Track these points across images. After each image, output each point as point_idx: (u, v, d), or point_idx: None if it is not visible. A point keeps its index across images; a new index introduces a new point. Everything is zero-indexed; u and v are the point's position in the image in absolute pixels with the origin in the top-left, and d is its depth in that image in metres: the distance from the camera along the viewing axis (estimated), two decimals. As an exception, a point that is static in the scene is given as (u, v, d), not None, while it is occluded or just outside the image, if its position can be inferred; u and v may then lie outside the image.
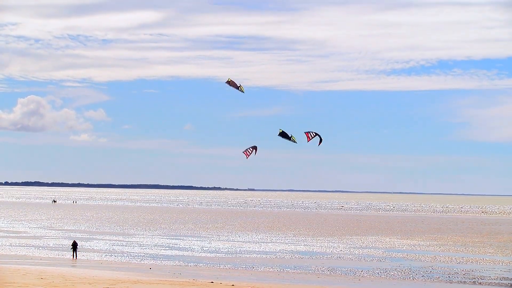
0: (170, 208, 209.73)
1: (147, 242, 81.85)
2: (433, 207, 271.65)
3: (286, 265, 60.84)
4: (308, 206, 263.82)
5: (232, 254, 70.17)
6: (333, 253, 72.65)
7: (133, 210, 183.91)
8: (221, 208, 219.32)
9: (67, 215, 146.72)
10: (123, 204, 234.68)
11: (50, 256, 65.37)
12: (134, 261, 62.05)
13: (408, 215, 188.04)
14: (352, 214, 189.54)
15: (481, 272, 58.06)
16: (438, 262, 65.47)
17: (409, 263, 64.62)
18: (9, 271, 47.03)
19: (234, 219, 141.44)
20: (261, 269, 57.97)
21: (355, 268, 59.63)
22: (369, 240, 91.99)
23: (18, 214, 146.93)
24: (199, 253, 70.64)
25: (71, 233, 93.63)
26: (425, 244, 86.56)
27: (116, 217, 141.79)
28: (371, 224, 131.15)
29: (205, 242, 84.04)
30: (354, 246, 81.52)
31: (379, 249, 78.21)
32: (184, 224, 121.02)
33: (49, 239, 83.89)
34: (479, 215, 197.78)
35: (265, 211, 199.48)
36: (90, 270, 51.37)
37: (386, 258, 68.95)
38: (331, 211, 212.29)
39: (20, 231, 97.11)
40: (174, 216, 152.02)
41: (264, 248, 77.41)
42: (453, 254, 74.56)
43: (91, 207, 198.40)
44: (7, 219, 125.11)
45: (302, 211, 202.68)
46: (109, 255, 67.15)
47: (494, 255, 74.51)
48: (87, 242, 79.65)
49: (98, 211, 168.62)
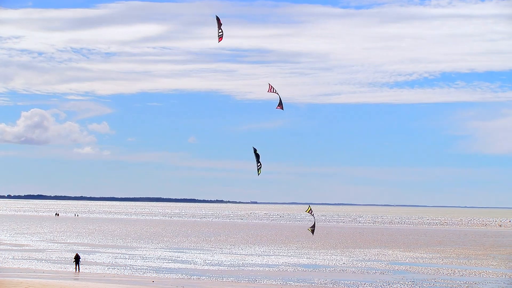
0: (173, 221, 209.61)
1: (150, 255, 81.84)
2: (436, 220, 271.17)
3: (289, 278, 60.81)
4: (310, 219, 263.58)
5: (234, 267, 70.16)
6: (336, 266, 72.60)
7: (136, 223, 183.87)
8: (223, 221, 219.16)
9: (69, 228, 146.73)
10: (125, 217, 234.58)
11: (53, 269, 65.39)
12: (137, 274, 62.06)
13: (411, 227, 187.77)
14: (354, 227, 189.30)
15: (484, 285, 58.01)
16: (441, 275, 65.41)
17: (412, 275, 64.57)
18: (12, 284, 47.07)
19: (237, 232, 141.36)
20: (263, 282, 57.94)
21: (358, 281, 59.60)
22: (372, 252, 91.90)
23: (20, 227, 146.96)
24: (202, 266, 70.63)
25: (74, 246, 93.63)
26: (428, 257, 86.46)
27: (119, 230, 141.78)
28: (374, 237, 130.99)
29: (207, 255, 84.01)
30: (357, 259, 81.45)
31: (382, 262, 78.14)
32: (186, 237, 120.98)
33: (51, 252, 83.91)
34: (482, 227, 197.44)
35: (267, 224, 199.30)
36: (93, 283, 51.39)
37: (389, 270, 68.90)
38: (334, 224, 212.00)
39: (23, 244, 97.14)
40: (176, 229, 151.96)
41: (266, 261, 77.37)
42: (456, 266, 74.47)
43: (93, 220, 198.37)
44: (10, 232, 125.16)
45: (305, 224, 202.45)
46: (112, 268, 67.16)
47: (497, 267, 74.40)
48: (90, 255, 79.66)
49: (101, 224, 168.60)
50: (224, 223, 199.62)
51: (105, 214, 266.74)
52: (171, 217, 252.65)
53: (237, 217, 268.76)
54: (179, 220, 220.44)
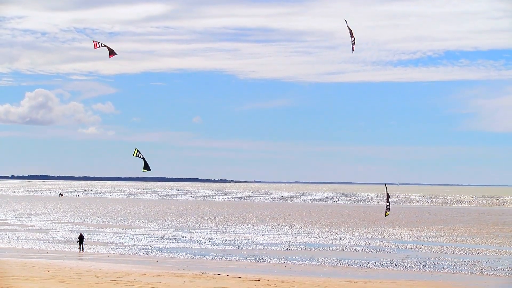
0: (177, 200, 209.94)
1: (153, 235, 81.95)
2: (440, 198, 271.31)
3: (293, 257, 60.85)
4: (314, 197, 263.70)
5: (238, 246, 70.20)
6: (340, 245, 72.63)
7: (140, 203, 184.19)
8: (227, 200, 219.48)
9: (73, 208, 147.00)
10: (129, 197, 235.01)
11: (57, 249, 65.51)
12: (141, 254, 62.14)
13: (415, 206, 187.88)
14: (358, 205, 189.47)
15: (488, 263, 57.99)
16: (445, 253, 65.40)
17: (416, 254, 64.58)
18: (16, 264, 47.13)
19: (240, 211, 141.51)
20: (267, 261, 57.98)
21: (362, 259, 59.62)
22: (376, 231, 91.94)
23: (24, 207, 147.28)
24: (206, 245, 70.69)
25: (78, 226, 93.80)
26: (432, 235, 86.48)
27: (123, 210, 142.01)
28: (378, 216, 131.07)
29: (211, 234, 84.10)
30: (360, 238, 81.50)
31: (386, 241, 78.16)
32: (190, 216, 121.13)
33: (55, 233, 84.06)
34: (485, 205, 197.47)
35: (271, 203, 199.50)
36: (96, 263, 51.44)
37: (392, 249, 68.91)
38: (338, 202, 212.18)
39: (26, 224, 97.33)
40: (180, 208, 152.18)
41: (270, 240, 77.43)
42: (460, 245, 74.46)
43: (97, 200, 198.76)
44: (14, 213, 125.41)
45: (309, 203, 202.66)
46: (115, 248, 67.25)
47: (501, 245, 74.40)
48: (94, 235, 79.79)
49: (105, 204, 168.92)
50: (228, 202, 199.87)
51: (108, 194, 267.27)
52: (175, 196, 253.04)
53: (240, 196, 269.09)
54: (182, 199, 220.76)
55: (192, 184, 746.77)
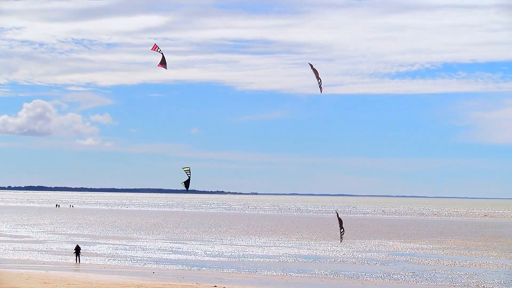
0: (173, 212, 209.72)
1: (150, 246, 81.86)
2: (437, 211, 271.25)
3: (290, 269, 60.82)
4: (311, 209, 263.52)
5: (235, 258, 70.16)
6: (337, 257, 72.60)
7: (136, 214, 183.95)
8: (224, 212, 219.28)
9: (70, 219, 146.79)
10: (126, 209, 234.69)
11: (53, 260, 65.40)
12: (137, 265, 62.07)
13: (412, 218, 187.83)
14: (355, 218, 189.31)
15: (485, 276, 58.00)
16: (441, 266, 65.41)
17: (412, 266, 64.57)
18: (13, 275, 47.07)
19: (237, 223, 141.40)
20: (264, 273, 57.94)
21: (359, 271, 59.60)
22: (373, 243, 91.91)
23: (21, 218, 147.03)
24: (202, 257, 70.64)
25: (74, 238, 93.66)
26: (428, 248, 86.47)
27: (119, 221, 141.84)
28: (375, 228, 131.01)
29: (208, 246, 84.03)
30: (357, 250, 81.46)
31: (382, 253, 78.14)
32: (187, 228, 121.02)
33: (52, 244, 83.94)
34: (482, 218, 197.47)
35: (268, 215, 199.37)
36: (93, 274, 51.38)
37: (389, 261, 68.90)
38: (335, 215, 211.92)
39: (23, 235, 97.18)
40: (177, 220, 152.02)
41: (267, 252, 77.38)
42: (456, 257, 74.48)
43: (94, 212, 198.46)
44: (11, 224, 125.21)
45: (305, 215, 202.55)
46: (112, 259, 67.17)
47: (498, 258, 74.41)
48: (90, 246, 79.68)
49: (101, 215, 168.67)
50: (225, 214, 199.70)
51: (105, 206, 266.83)
52: (171, 208, 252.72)
53: (237, 208, 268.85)
54: (179, 211, 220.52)
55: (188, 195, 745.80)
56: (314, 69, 36.77)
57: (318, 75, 37.07)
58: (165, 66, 38.15)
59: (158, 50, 37.53)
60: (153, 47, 37.51)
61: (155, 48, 37.43)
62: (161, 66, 38.11)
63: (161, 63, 37.97)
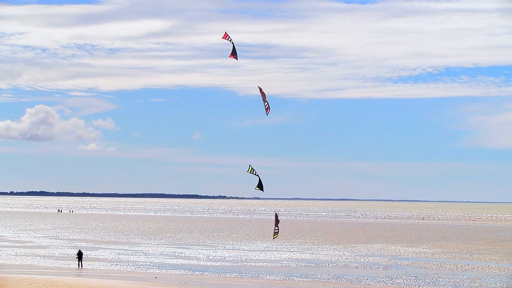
0: (176, 217, 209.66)
1: (152, 251, 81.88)
2: (439, 215, 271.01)
3: (292, 274, 60.82)
4: (313, 214, 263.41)
5: (237, 262, 70.17)
6: (339, 261, 72.59)
7: (139, 219, 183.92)
8: (226, 216, 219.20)
9: (72, 224, 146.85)
10: (128, 214, 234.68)
11: (55, 265, 65.45)
12: (140, 270, 62.09)
13: (414, 222, 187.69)
14: (357, 222, 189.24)
15: (487, 280, 57.98)
16: (444, 270, 65.39)
17: (415, 270, 64.55)
18: (15, 281, 47.11)
19: (239, 228, 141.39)
20: (267, 277, 57.96)
21: (361, 276, 59.60)
22: (375, 248, 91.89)
23: (23, 223, 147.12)
24: (205, 262, 70.65)
25: (77, 243, 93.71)
26: (431, 252, 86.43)
27: (121, 226, 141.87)
28: (377, 232, 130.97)
29: (210, 250, 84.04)
30: (359, 254, 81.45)
31: (385, 257, 78.13)
32: (189, 232, 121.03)
33: (54, 249, 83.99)
34: (484, 222, 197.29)
35: (270, 219, 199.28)
36: (95, 280, 51.41)
37: (391, 266, 68.89)
38: (337, 219, 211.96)
39: (25, 240, 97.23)
40: (179, 225, 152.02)
41: (269, 256, 77.39)
42: (459, 261, 74.45)
43: (96, 217, 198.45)
44: (13, 229, 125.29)
45: (308, 219, 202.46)
46: (114, 264, 67.20)
47: (500, 262, 74.39)
48: (93, 252, 79.71)
49: (103, 221, 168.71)
50: (227, 218, 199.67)
51: (107, 211, 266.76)
52: (174, 213, 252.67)
53: (239, 212, 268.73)
54: (181, 216, 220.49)
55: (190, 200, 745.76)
56: (262, 92, 36.57)
57: (265, 98, 36.80)
58: (236, 57, 36.49)
59: (229, 39, 36.08)
60: (224, 35, 36.34)
61: (226, 37, 36.14)
62: (232, 57, 36.44)
63: (232, 54, 36.25)
